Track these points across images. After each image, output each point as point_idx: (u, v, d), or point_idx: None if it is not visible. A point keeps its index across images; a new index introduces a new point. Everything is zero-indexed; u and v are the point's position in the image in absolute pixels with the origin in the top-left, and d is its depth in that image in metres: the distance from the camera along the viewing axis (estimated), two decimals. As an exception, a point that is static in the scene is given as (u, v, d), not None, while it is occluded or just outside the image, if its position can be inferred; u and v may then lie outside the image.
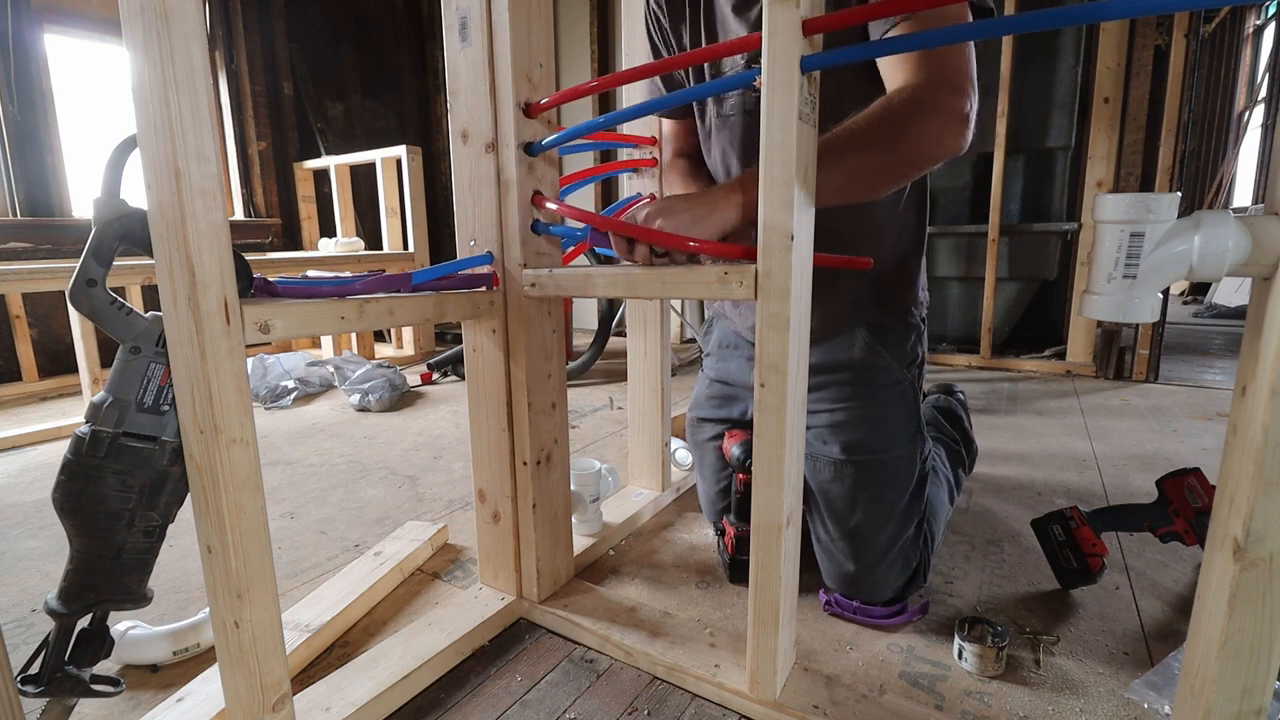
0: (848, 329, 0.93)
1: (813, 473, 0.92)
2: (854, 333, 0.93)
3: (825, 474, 0.91)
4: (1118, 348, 2.37)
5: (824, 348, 0.94)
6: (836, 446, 0.90)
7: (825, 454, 0.91)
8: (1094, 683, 0.79)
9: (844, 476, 0.90)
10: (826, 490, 0.91)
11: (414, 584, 1.05)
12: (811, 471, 0.92)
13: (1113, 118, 2.32)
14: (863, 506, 0.89)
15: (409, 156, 2.88)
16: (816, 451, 0.92)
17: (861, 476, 0.89)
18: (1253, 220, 0.47)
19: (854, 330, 0.93)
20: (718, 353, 1.15)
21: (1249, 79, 5.77)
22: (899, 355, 0.93)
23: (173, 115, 0.51)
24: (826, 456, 0.91)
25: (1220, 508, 0.51)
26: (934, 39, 0.63)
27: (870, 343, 0.92)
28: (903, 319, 0.95)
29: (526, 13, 0.80)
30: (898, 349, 0.93)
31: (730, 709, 0.75)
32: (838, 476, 0.90)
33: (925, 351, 0.98)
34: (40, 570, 1.10)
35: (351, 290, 0.70)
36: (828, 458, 0.91)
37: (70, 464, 0.57)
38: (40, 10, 2.61)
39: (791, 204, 0.60)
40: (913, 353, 0.95)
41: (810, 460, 0.92)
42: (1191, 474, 0.96)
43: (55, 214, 2.63)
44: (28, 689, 0.58)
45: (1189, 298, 5.10)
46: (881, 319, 0.94)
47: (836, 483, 0.90)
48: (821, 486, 0.92)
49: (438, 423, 1.99)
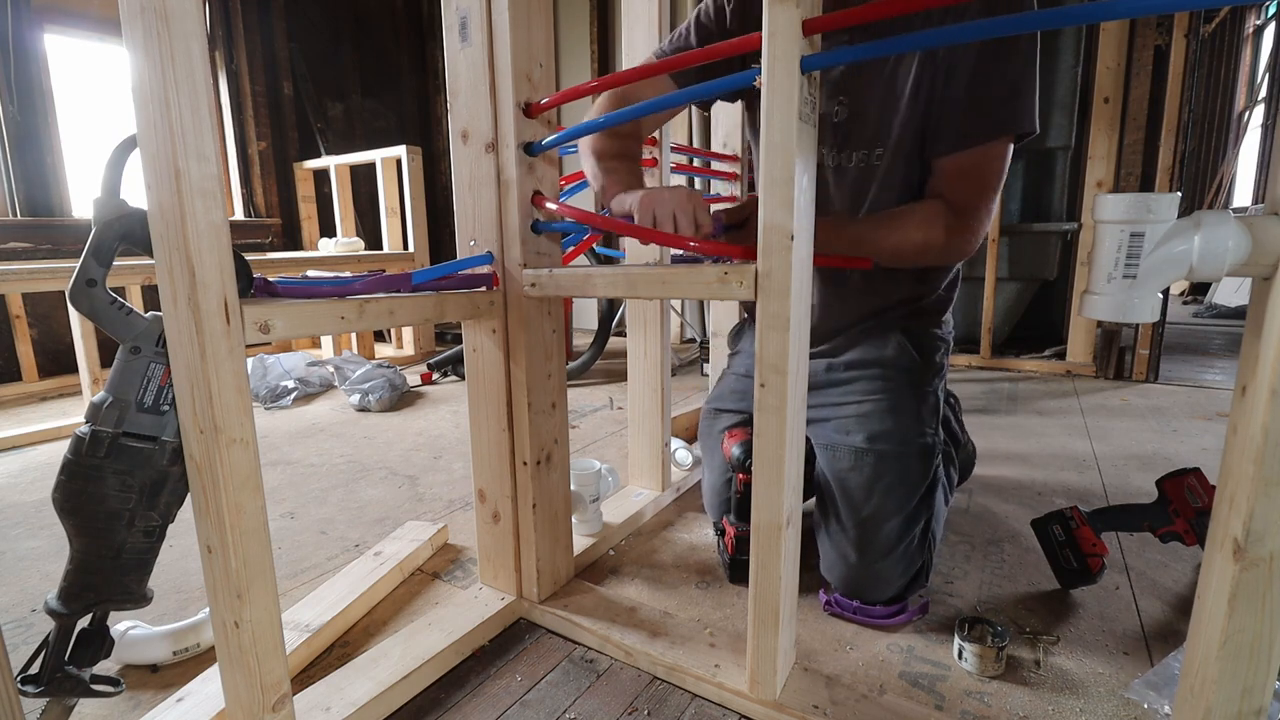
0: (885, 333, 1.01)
1: (831, 464, 0.95)
2: (889, 336, 1.00)
3: (844, 463, 0.93)
4: (1118, 348, 2.37)
5: (862, 347, 1.01)
6: (861, 435, 0.93)
7: (847, 444, 0.94)
8: (1094, 683, 0.79)
9: (864, 465, 0.92)
10: (844, 479, 0.93)
11: (414, 584, 1.05)
12: (830, 463, 0.95)
13: (1113, 118, 2.32)
14: (878, 495, 0.91)
15: (409, 156, 2.88)
16: (837, 442, 0.95)
17: (880, 466, 0.91)
18: (1253, 220, 0.47)
19: (890, 334, 1.00)
20: (749, 349, 1.19)
21: (1249, 79, 5.77)
22: (928, 362, 0.99)
23: (173, 115, 0.51)
24: (848, 445, 0.94)
25: (1220, 508, 0.51)
26: (935, 39, 0.63)
27: (904, 344, 0.99)
28: (934, 329, 1.03)
29: (526, 13, 0.80)
30: (928, 357, 1.00)
31: (730, 709, 0.75)
32: (857, 465, 0.92)
33: (947, 367, 1.05)
34: (40, 570, 1.10)
35: (351, 290, 0.70)
36: (849, 446, 0.93)
37: (70, 464, 0.57)
38: (40, 10, 2.61)
39: (791, 204, 0.60)
40: (939, 364, 1.01)
41: (829, 450, 0.95)
42: (1191, 474, 0.96)
43: (55, 214, 2.63)
44: (28, 689, 0.58)
45: (1189, 298, 5.10)
46: (916, 327, 1.02)
47: (855, 471, 0.92)
48: (839, 475, 0.94)
49: (438, 423, 1.99)
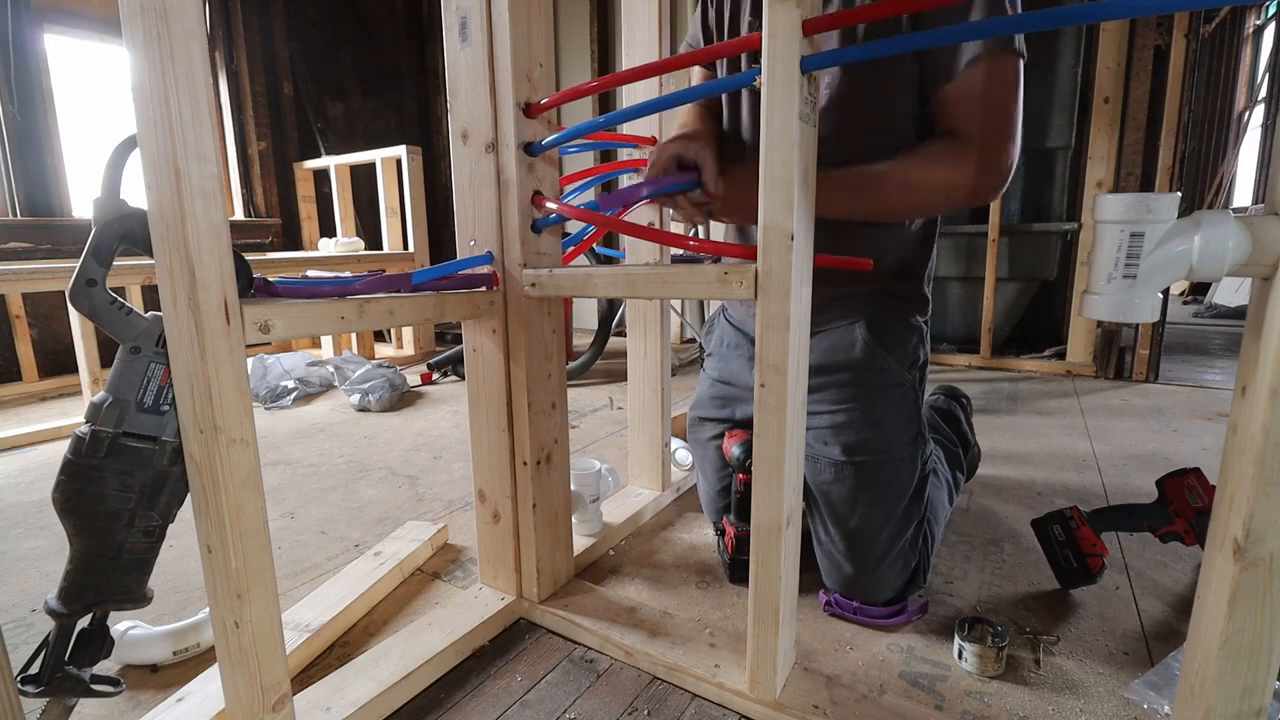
0: (846, 323, 0.94)
1: (813, 474, 0.92)
2: (853, 329, 0.93)
3: (826, 475, 0.91)
4: (1118, 348, 2.37)
5: (824, 348, 0.94)
6: (837, 448, 0.90)
7: (826, 455, 0.91)
8: (1094, 683, 0.79)
9: (844, 478, 0.90)
10: (827, 491, 0.91)
11: (414, 584, 1.05)
12: (812, 473, 0.92)
13: (1113, 118, 2.32)
14: (863, 508, 0.89)
15: (409, 156, 2.88)
16: (817, 452, 0.92)
17: (862, 478, 0.89)
18: (1253, 220, 0.47)
19: (852, 326, 0.93)
20: (719, 352, 1.15)
21: (1249, 79, 5.77)
22: (900, 356, 0.93)
23: (173, 115, 0.51)
24: (827, 458, 0.91)
25: (1220, 508, 0.51)
26: (936, 38, 0.63)
27: (870, 342, 0.92)
28: (904, 318, 0.95)
29: (526, 13, 0.80)
30: (899, 350, 0.93)
31: (730, 709, 0.75)
32: (838, 478, 0.90)
33: (927, 353, 0.98)
34: (40, 570, 1.10)
35: (351, 290, 0.70)
36: (828, 459, 0.91)
37: (70, 464, 0.57)
38: (40, 10, 2.61)
39: (792, 204, 0.60)
40: (914, 354, 0.95)
41: (811, 461, 0.92)
42: (1191, 474, 0.96)
43: (55, 214, 2.63)
44: (28, 689, 0.58)
45: (1189, 298, 5.10)
46: (881, 317, 0.94)
47: (837, 484, 0.90)
48: (822, 488, 0.92)
49: (438, 423, 1.99)
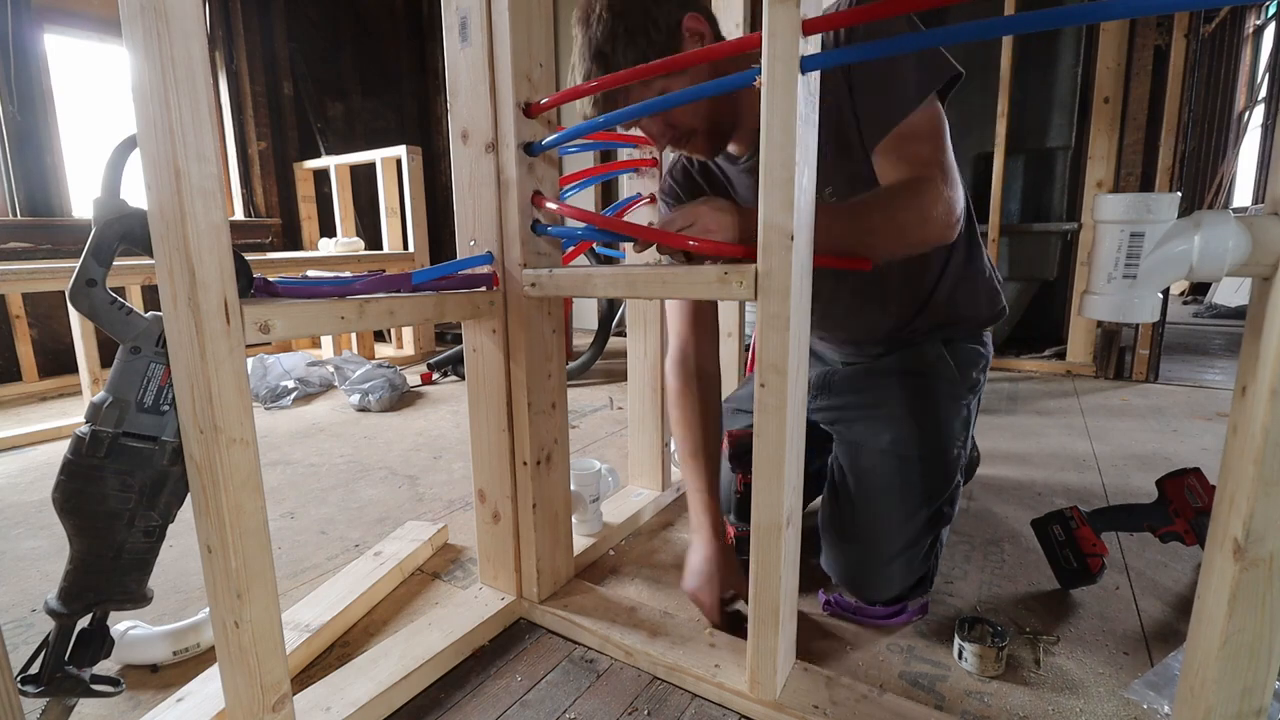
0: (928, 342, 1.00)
1: (852, 459, 0.94)
2: (932, 345, 0.99)
3: (867, 462, 0.93)
4: (1118, 348, 2.37)
5: (904, 353, 1.00)
6: (889, 437, 0.92)
7: (873, 444, 0.93)
8: (1094, 683, 0.79)
9: (885, 467, 0.91)
10: (863, 478, 0.93)
11: (414, 584, 1.05)
12: (851, 459, 0.94)
13: (1113, 118, 2.32)
14: (895, 497, 0.90)
15: (409, 156, 2.88)
16: (864, 441, 0.94)
17: (903, 470, 0.91)
18: (1253, 220, 0.47)
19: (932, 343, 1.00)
20: None
21: (1249, 79, 5.77)
22: (965, 375, 0.98)
23: (173, 115, 0.51)
24: (874, 446, 0.93)
25: (1220, 508, 0.51)
26: (936, 38, 0.63)
27: (944, 355, 0.98)
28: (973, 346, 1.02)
29: (526, 13, 0.80)
30: (966, 370, 0.99)
31: (730, 709, 0.75)
32: (879, 466, 0.92)
33: (983, 384, 1.02)
34: (40, 570, 1.10)
35: (351, 290, 0.70)
36: (875, 448, 0.93)
37: (70, 464, 0.57)
38: (40, 10, 2.61)
39: (791, 204, 0.60)
40: (975, 379, 1.00)
41: (854, 447, 0.95)
42: (1191, 474, 0.96)
43: (55, 214, 2.63)
44: (28, 689, 0.58)
45: (1189, 298, 5.10)
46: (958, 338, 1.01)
47: (876, 473, 0.92)
48: (858, 474, 0.93)
49: (438, 423, 1.99)
